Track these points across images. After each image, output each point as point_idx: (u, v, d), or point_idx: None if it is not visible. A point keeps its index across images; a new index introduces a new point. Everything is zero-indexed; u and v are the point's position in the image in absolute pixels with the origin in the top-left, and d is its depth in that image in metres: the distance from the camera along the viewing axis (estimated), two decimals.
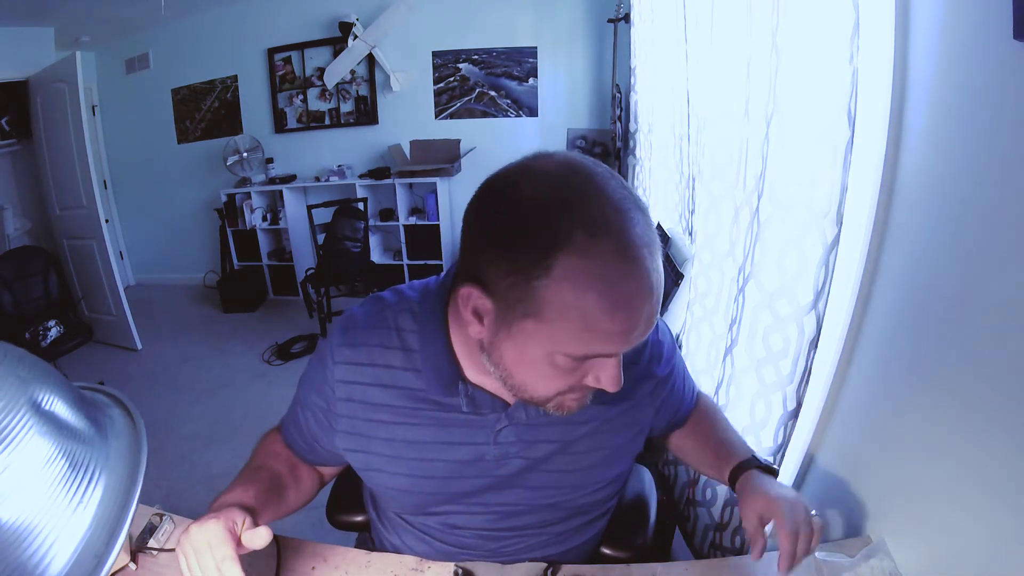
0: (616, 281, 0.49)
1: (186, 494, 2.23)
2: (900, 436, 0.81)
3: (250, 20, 4.15)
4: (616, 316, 0.50)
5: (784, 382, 1.02)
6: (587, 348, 0.53)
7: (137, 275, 5.01)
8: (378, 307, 0.73)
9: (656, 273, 0.51)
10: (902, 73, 0.79)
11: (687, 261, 1.91)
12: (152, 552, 0.83)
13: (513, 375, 0.58)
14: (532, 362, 0.56)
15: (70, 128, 3.29)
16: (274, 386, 3.08)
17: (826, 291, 0.92)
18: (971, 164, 0.67)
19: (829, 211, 0.87)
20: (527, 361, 0.56)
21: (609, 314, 0.50)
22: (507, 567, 0.78)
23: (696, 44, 1.68)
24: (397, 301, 0.72)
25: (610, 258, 0.49)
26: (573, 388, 0.59)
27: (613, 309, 0.50)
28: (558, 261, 0.48)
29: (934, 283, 0.75)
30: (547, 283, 0.49)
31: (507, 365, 0.58)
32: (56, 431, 0.38)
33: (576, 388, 0.59)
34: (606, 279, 0.49)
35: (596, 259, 0.48)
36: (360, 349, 0.71)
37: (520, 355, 0.56)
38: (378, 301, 0.74)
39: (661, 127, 2.49)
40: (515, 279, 0.51)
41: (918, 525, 0.77)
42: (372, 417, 0.71)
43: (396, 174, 4.02)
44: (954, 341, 0.71)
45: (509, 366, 0.58)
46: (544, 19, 3.94)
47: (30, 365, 0.40)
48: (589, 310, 0.49)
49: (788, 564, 0.65)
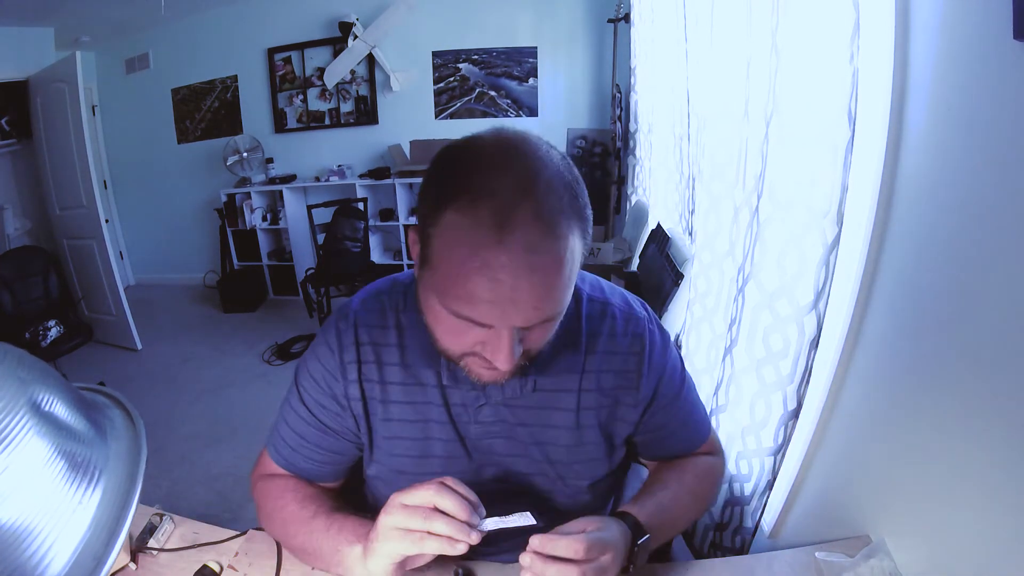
0: (485, 247, 0.51)
1: (186, 494, 2.23)
2: (900, 436, 0.81)
3: (250, 20, 4.15)
4: (480, 281, 0.51)
5: (784, 382, 1.02)
6: (459, 307, 0.54)
7: (137, 275, 5.01)
8: (373, 293, 0.77)
9: (542, 260, 0.52)
10: (902, 73, 0.78)
11: (687, 261, 1.91)
12: (152, 552, 0.83)
13: (428, 324, 0.61)
14: (433, 312, 0.58)
15: (70, 128, 3.29)
16: (274, 386, 3.08)
17: (826, 291, 0.92)
18: (971, 164, 0.67)
19: (829, 211, 0.87)
20: (429, 310, 0.59)
21: (475, 277, 0.51)
22: (507, 567, 0.78)
23: (696, 44, 1.68)
24: (391, 286, 0.76)
25: (485, 223, 0.51)
26: (476, 354, 0.59)
27: (478, 273, 0.51)
28: (444, 215, 0.53)
29: (934, 283, 0.75)
30: (435, 232, 0.54)
31: (424, 312, 0.61)
32: (56, 432, 0.38)
33: (478, 355, 0.59)
34: (476, 242, 0.51)
35: (472, 220, 0.51)
36: (362, 330, 0.73)
37: (426, 302, 0.59)
38: (372, 289, 0.78)
39: (661, 127, 2.49)
40: (423, 226, 0.57)
41: (918, 525, 0.77)
42: (375, 395, 0.73)
43: (396, 174, 4.02)
44: (954, 341, 0.70)
45: (425, 313, 0.61)
46: (544, 19, 3.94)
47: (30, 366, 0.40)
48: (456, 266, 0.52)
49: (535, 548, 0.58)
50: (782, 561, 0.83)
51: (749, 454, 1.16)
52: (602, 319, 0.74)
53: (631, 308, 0.77)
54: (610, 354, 0.74)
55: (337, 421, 0.75)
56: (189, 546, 0.84)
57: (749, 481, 1.16)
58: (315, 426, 0.76)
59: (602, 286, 0.77)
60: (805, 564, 0.82)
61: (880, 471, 0.86)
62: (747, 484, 1.17)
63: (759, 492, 1.12)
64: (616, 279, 2.46)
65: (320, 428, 0.75)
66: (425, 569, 0.78)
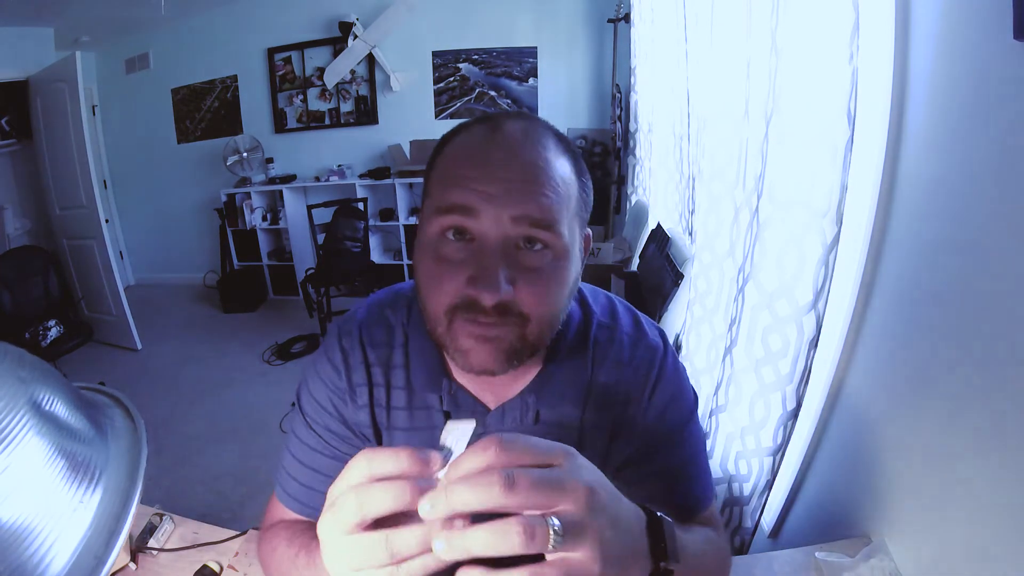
0: (474, 144, 0.55)
1: (186, 494, 2.23)
2: (900, 436, 0.82)
3: (250, 20, 4.15)
4: (466, 164, 0.53)
5: (784, 382, 1.02)
6: (445, 196, 0.53)
7: (137, 275, 5.00)
8: (377, 307, 0.71)
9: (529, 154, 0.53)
10: (902, 73, 0.79)
11: (687, 261, 1.91)
12: (152, 552, 0.83)
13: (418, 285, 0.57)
14: (423, 250, 0.55)
15: (70, 128, 3.29)
16: (274, 386, 3.08)
17: (826, 291, 0.92)
18: (971, 164, 0.67)
19: (829, 211, 0.87)
20: (421, 251, 0.56)
21: (462, 163, 0.54)
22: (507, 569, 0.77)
23: (696, 44, 1.68)
24: (395, 299, 0.71)
25: (478, 130, 0.56)
26: (460, 302, 0.52)
27: (465, 159, 0.54)
28: (442, 150, 0.58)
29: (934, 282, 0.75)
30: (434, 166, 0.57)
31: (416, 273, 0.58)
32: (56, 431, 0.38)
33: (463, 301, 0.52)
34: (467, 144, 0.56)
35: (465, 135, 0.57)
36: (370, 350, 0.68)
37: (419, 248, 0.57)
38: (375, 303, 0.72)
39: (661, 127, 2.49)
40: (425, 178, 0.59)
41: (918, 525, 0.77)
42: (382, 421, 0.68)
43: (396, 174, 4.02)
44: (954, 340, 0.71)
45: (416, 272, 0.58)
46: (544, 19, 3.94)
47: (30, 365, 0.40)
48: (447, 167, 0.55)
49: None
50: (782, 561, 0.83)
51: (748, 454, 1.16)
52: (609, 345, 0.67)
53: (642, 334, 0.68)
54: (614, 385, 0.66)
55: (349, 446, 0.68)
56: (189, 546, 0.84)
57: (748, 481, 1.16)
58: (328, 453, 0.68)
59: (615, 310, 0.70)
60: (805, 564, 0.82)
61: (880, 471, 0.86)
62: (746, 484, 1.17)
63: (759, 492, 1.12)
64: (616, 279, 2.46)
65: (333, 455, 0.68)
66: None
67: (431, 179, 0.57)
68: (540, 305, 0.53)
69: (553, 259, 0.53)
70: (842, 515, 0.94)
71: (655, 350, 0.67)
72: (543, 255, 0.52)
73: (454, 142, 0.57)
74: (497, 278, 0.50)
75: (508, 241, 0.51)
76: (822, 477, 1.03)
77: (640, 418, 0.67)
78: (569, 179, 0.55)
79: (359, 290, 4.02)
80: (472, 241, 0.52)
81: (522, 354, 0.55)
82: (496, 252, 0.51)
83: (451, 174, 0.54)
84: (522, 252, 0.52)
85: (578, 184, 0.56)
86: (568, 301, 0.57)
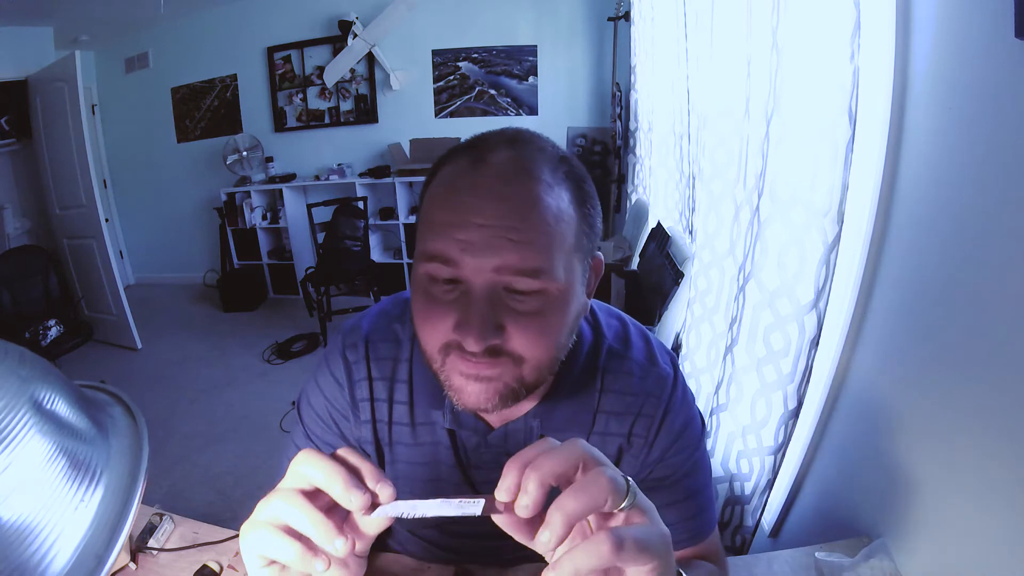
0: (458, 179, 0.51)
1: (186, 494, 2.23)
2: (900, 436, 0.81)
3: (250, 19, 4.15)
4: (447, 207, 0.50)
5: (785, 381, 1.02)
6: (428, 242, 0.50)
7: (137, 274, 5.00)
8: (384, 318, 0.69)
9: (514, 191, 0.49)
10: (903, 72, 0.78)
11: (687, 260, 1.91)
12: (152, 552, 0.83)
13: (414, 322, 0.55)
14: (414, 287, 0.54)
15: (70, 127, 3.29)
16: (274, 385, 3.07)
17: (827, 290, 0.92)
18: (972, 162, 0.67)
19: (830, 210, 0.87)
20: (413, 287, 0.54)
21: (443, 205, 0.51)
22: (507, 570, 0.78)
23: (696, 42, 1.67)
24: (403, 310, 0.69)
25: (463, 163, 0.52)
26: (450, 342, 0.51)
27: (447, 200, 0.51)
28: (435, 177, 0.54)
29: (935, 281, 0.74)
30: (426, 193, 0.55)
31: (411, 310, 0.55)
32: (57, 430, 0.38)
33: (453, 342, 0.51)
34: (452, 176, 0.52)
35: (456, 163, 0.53)
36: (374, 364, 0.67)
37: (411, 283, 0.55)
38: (381, 313, 0.70)
39: (661, 125, 2.49)
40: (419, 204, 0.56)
41: (918, 525, 0.77)
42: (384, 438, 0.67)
43: (396, 173, 4.02)
44: (955, 340, 0.70)
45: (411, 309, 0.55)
46: (544, 17, 3.94)
47: (31, 364, 0.40)
48: (432, 200, 0.53)
49: None
50: (782, 561, 0.83)
51: (749, 453, 1.16)
52: (618, 374, 0.65)
53: (653, 363, 0.67)
54: (621, 414, 0.65)
55: None
56: (189, 546, 0.84)
57: (749, 480, 1.16)
58: None
59: (627, 335, 0.69)
60: (805, 564, 0.82)
61: (880, 471, 0.86)
62: (747, 483, 1.17)
63: (759, 491, 1.12)
64: (616, 278, 2.46)
65: None
66: (424, 569, 0.78)
67: (421, 212, 0.55)
68: (534, 348, 0.51)
69: (547, 302, 0.50)
70: (842, 515, 0.94)
71: (665, 380, 0.66)
72: (534, 299, 0.49)
73: (440, 175, 0.54)
74: (480, 327, 0.48)
75: (494, 288, 0.49)
76: (822, 477, 1.03)
77: (647, 447, 0.65)
78: (564, 214, 0.50)
79: (359, 289, 4.02)
80: (460, 283, 0.50)
81: (519, 394, 0.53)
82: (481, 299, 0.48)
83: (432, 218, 0.51)
84: (512, 296, 0.49)
85: (577, 216, 0.52)
86: (569, 338, 0.55)
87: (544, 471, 0.36)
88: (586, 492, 0.35)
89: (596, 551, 0.34)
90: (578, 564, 0.34)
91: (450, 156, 0.54)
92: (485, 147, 0.52)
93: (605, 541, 0.34)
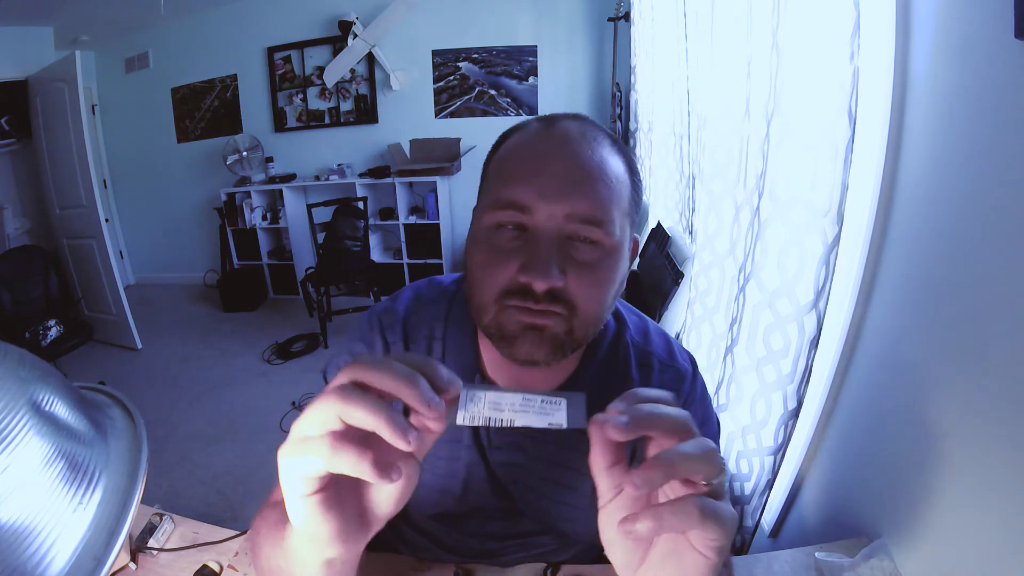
0: (533, 136, 0.58)
1: (186, 494, 2.23)
2: (900, 436, 0.81)
3: (250, 19, 4.15)
4: (521, 159, 0.56)
5: (784, 381, 1.02)
6: (500, 190, 0.55)
7: (137, 274, 5.00)
8: (419, 300, 0.72)
9: (581, 150, 0.55)
10: (903, 72, 0.78)
11: (687, 260, 1.91)
12: (152, 552, 0.83)
13: (469, 275, 0.57)
14: (476, 242, 0.57)
15: (70, 128, 3.29)
16: (274, 385, 3.08)
17: (827, 290, 0.92)
18: (972, 163, 0.67)
19: (830, 210, 0.87)
20: (473, 242, 0.57)
21: (517, 158, 0.56)
22: (507, 570, 0.78)
23: (696, 43, 1.67)
24: (438, 294, 0.72)
25: (533, 128, 0.59)
26: (511, 287, 0.53)
27: (520, 153, 0.57)
28: (503, 143, 0.60)
29: (935, 282, 0.74)
30: (493, 158, 0.60)
31: (467, 263, 0.58)
32: (56, 431, 0.38)
33: (514, 287, 0.53)
34: (524, 139, 0.58)
35: (525, 130, 0.59)
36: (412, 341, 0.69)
37: (471, 240, 0.58)
38: (416, 295, 0.72)
39: (661, 126, 2.49)
40: (484, 169, 0.62)
41: (918, 525, 0.77)
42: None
43: (396, 173, 4.02)
44: (955, 340, 0.70)
45: (467, 262, 0.58)
46: (544, 17, 3.94)
47: (30, 365, 0.40)
48: (504, 161, 0.58)
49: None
50: (782, 561, 0.83)
51: (749, 453, 1.16)
52: (639, 365, 0.68)
53: (672, 360, 0.70)
54: None
55: None
56: (189, 546, 0.84)
57: (749, 480, 1.16)
58: None
59: (647, 330, 0.72)
60: (805, 564, 0.82)
61: (880, 471, 0.86)
62: (747, 483, 1.17)
63: (759, 491, 1.12)
64: None
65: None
66: (424, 569, 0.78)
67: (487, 176, 0.60)
68: (589, 297, 0.54)
69: (603, 255, 0.54)
70: (842, 515, 0.94)
71: (684, 376, 0.69)
72: (594, 250, 0.53)
73: (510, 140, 0.59)
74: (549, 265, 0.51)
75: (561, 234, 0.53)
76: (822, 477, 1.03)
77: None
78: (622, 177, 0.56)
79: (359, 289, 4.02)
80: (526, 231, 0.53)
81: (567, 347, 0.55)
82: (549, 243, 0.52)
83: (506, 170, 0.56)
84: (574, 245, 0.53)
85: (631, 183, 0.58)
86: (614, 300, 0.59)
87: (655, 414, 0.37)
88: (701, 455, 0.36)
89: (685, 513, 0.35)
90: (665, 520, 0.34)
91: (517, 128, 0.60)
92: (553, 118, 0.58)
93: (695, 506, 0.35)
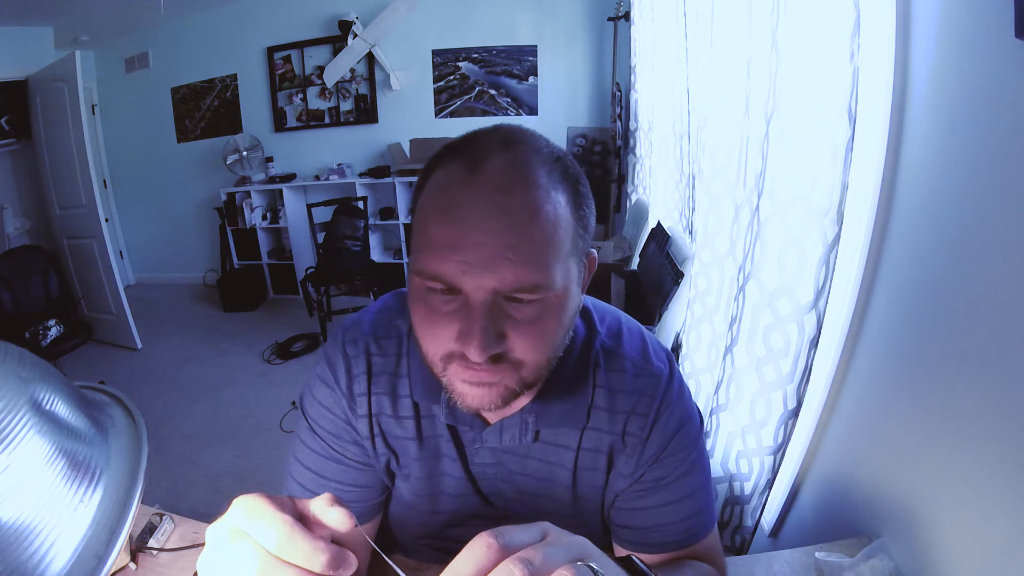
0: (452, 187, 0.50)
1: (186, 494, 2.23)
2: (900, 436, 0.81)
3: (250, 19, 4.15)
4: (443, 222, 0.49)
5: (784, 381, 1.02)
6: (425, 262, 0.49)
7: (137, 274, 5.00)
8: (385, 314, 0.69)
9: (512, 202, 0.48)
10: (903, 71, 0.78)
11: (687, 260, 1.91)
12: (152, 552, 0.83)
13: (414, 326, 0.55)
14: (413, 296, 0.53)
15: (70, 127, 3.29)
16: (275, 385, 3.08)
17: (826, 290, 0.92)
18: (972, 162, 0.67)
19: (830, 210, 0.87)
20: (411, 295, 0.53)
21: (438, 218, 0.49)
22: None
23: (696, 42, 1.67)
24: (402, 306, 0.69)
25: (457, 169, 0.50)
26: (453, 352, 0.52)
27: (442, 213, 0.49)
28: (429, 178, 0.53)
29: (935, 282, 0.74)
30: (419, 199, 0.53)
31: (410, 312, 0.55)
32: (56, 431, 0.38)
33: (456, 352, 0.51)
34: (446, 187, 0.50)
35: (446, 171, 0.51)
36: (376, 358, 0.67)
37: (410, 291, 0.54)
38: (383, 308, 0.70)
39: (661, 125, 2.49)
40: (413, 207, 0.55)
41: (918, 525, 0.77)
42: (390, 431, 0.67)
43: (396, 172, 4.02)
44: (955, 340, 0.70)
45: (410, 311, 0.55)
46: (544, 17, 3.94)
47: (31, 364, 0.40)
48: (424, 216, 0.51)
49: None
50: (782, 561, 0.83)
51: (749, 453, 1.16)
52: (610, 371, 0.65)
53: (646, 362, 0.66)
54: (615, 410, 0.64)
55: (355, 452, 0.67)
56: (189, 546, 0.84)
57: (749, 480, 1.16)
58: (333, 459, 0.67)
59: (620, 331, 0.68)
60: (805, 564, 0.82)
61: (880, 471, 0.86)
62: (747, 483, 1.17)
63: (759, 491, 1.12)
64: (616, 278, 2.46)
65: (339, 461, 0.67)
66: (424, 569, 0.78)
67: (415, 218, 0.53)
68: (534, 350, 0.51)
69: (544, 309, 0.50)
70: (842, 515, 0.94)
71: (659, 378, 0.65)
72: (533, 307, 0.50)
73: (433, 180, 0.52)
74: (484, 336, 0.48)
75: (495, 299, 0.49)
76: (822, 477, 1.03)
77: (641, 446, 0.65)
78: (562, 219, 0.50)
79: (359, 289, 4.02)
80: (460, 293, 0.49)
81: (520, 392, 0.54)
82: (482, 312, 0.48)
83: (429, 233, 0.50)
84: (511, 305, 0.49)
85: (574, 219, 0.52)
86: (567, 336, 0.56)
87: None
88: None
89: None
90: None
91: (443, 158, 0.53)
92: (479, 151, 0.50)
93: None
